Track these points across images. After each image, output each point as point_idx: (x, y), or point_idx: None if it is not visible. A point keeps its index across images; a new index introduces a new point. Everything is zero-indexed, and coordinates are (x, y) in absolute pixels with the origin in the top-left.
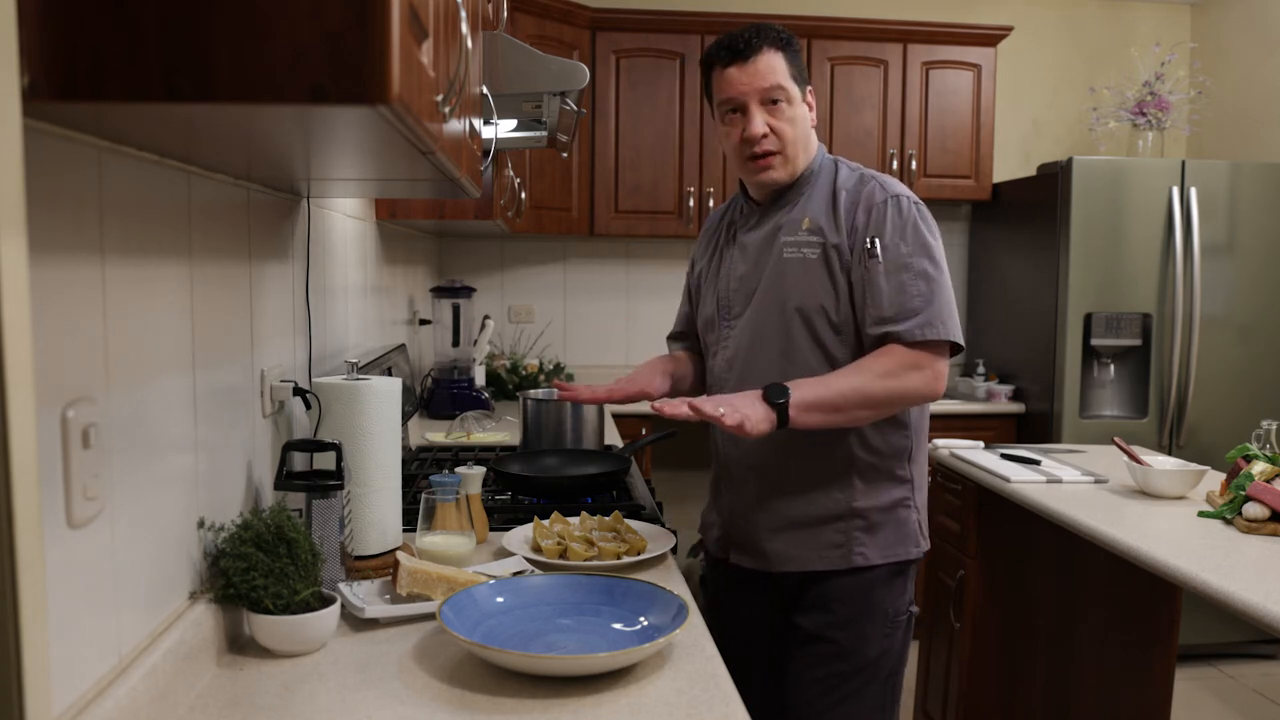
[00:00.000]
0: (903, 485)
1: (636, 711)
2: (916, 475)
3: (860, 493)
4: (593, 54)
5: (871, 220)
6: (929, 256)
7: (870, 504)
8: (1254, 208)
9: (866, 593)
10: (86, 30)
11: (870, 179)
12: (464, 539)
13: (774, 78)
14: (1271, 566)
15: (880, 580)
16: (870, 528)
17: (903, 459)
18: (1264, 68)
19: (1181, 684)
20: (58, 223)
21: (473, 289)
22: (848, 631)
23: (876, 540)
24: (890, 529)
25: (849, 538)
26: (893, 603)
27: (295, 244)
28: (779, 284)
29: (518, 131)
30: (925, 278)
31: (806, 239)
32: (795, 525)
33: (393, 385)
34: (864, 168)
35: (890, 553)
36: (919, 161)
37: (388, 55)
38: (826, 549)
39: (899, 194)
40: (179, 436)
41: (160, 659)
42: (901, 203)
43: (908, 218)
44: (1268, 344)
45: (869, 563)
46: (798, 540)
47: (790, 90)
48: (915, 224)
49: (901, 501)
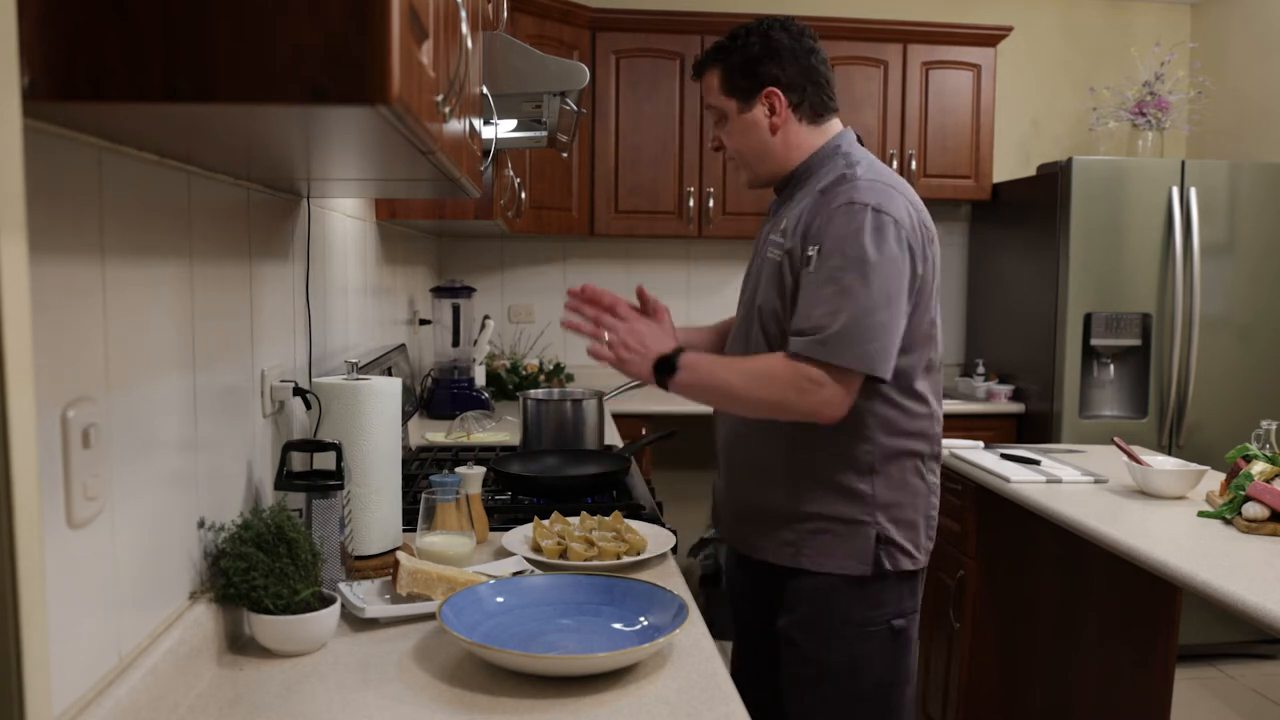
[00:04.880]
0: (857, 500)
1: (636, 711)
2: (882, 493)
3: (810, 499)
4: (593, 54)
5: (821, 226)
6: (861, 273)
7: (819, 510)
8: (1254, 208)
9: (823, 597)
10: (86, 30)
11: (848, 181)
12: (464, 539)
13: (709, 98)
14: (1271, 566)
15: (835, 585)
16: (818, 533)
17: (861, 473)
18: (1264, 68)
19: (1181, 684)
20: (58, 223)
21: (473, 289)
22: (807, 634)
23: (821, 548)
24: (839, 541)
25: (800, 538)
26: (861, 612)
27: (295, 244)
28: (756, 282)
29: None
30: (847, 294)
31: (779, 240)
32: (755, 516)
33: (393, 385)
34: (860, 168)
35: (836, 564)
36: (919, 161)
37: (388, 55)
38: (781, 545)
39: (857, 200)
40: (179, 436)
41: (160, 659)
42: (855, 211)
43: (855, 226)
44: (1268, 344)
45: (817, 569)
46: (758, 530)
47: (723, 106)
48: (859, 235)
49: (855, 517)
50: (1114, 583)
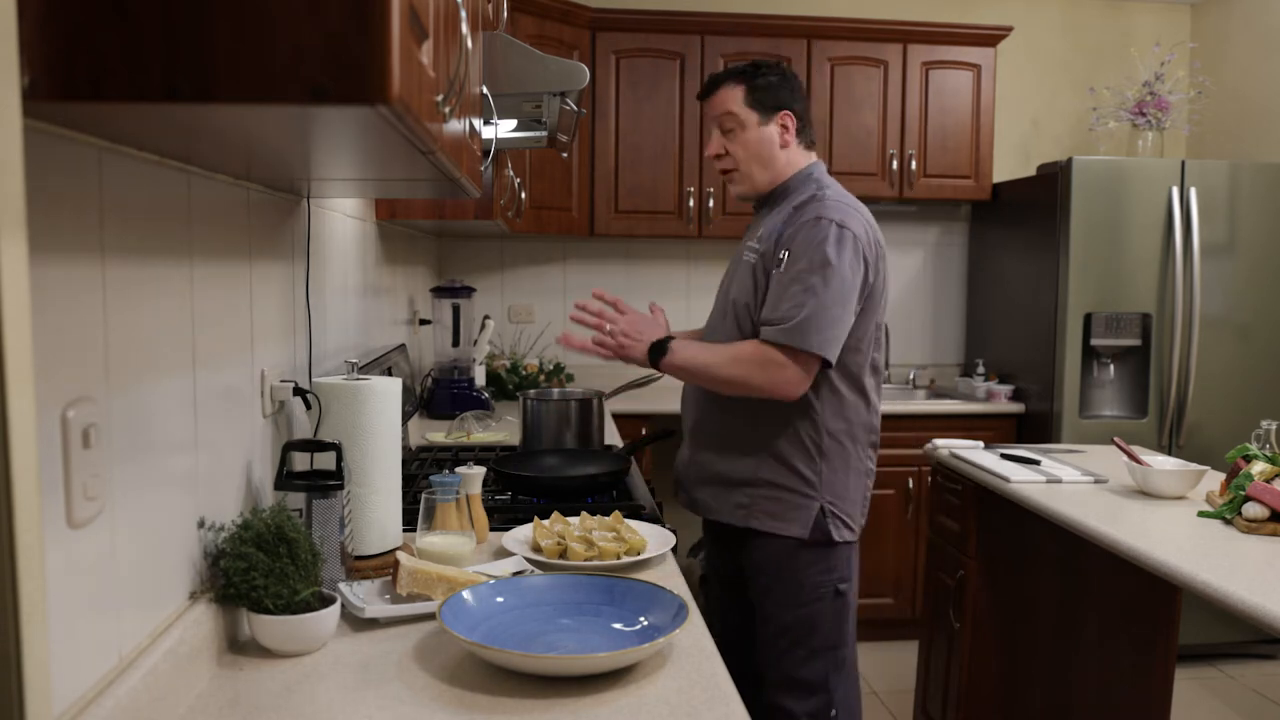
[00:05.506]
0: (805, 475)
1: (636, 711)
2: (828, 474)
3: (765, 467)
4: (593, 54)
5: (792, 235)
6: (821, 275)
7: (772, 479)
8: (1254, 208)
9: (779, 559)
10: (86, 30)
11: (818, 201)
12: (464, 539)
13: (725, 106)
14: (1271, 566)
15: (791, 550)
16: (769, 499)
17: (810, 455)
18: (1264, 68)
19: (1181, 684)
20: (58, 223)
21: (473, 289)
22: (763, 595)
23: (771, 512)
24: (786, 509)
25: (753, 501)
26: (811, 575)
27: (295, 244)
28: (733, 281)
29: (518, 131)
30: (808, 291)
31: (755, 245)
32: (713, 480)
33: (393, 385)
34: (830, 194)
35: (783, 527)
36: (919, 161)
37: (387, 55)
38: (735, 508)
39: (824, 217)
40: (179, 436)
41: (160, 659)
42: (821, 224)
43: (820, 237)
44: (1268, 344)
45: (764, 529)
46: (714, 494)
47: (742, 116)
48: (823, 245)
49: (802, 490)
50: (1114, 583)
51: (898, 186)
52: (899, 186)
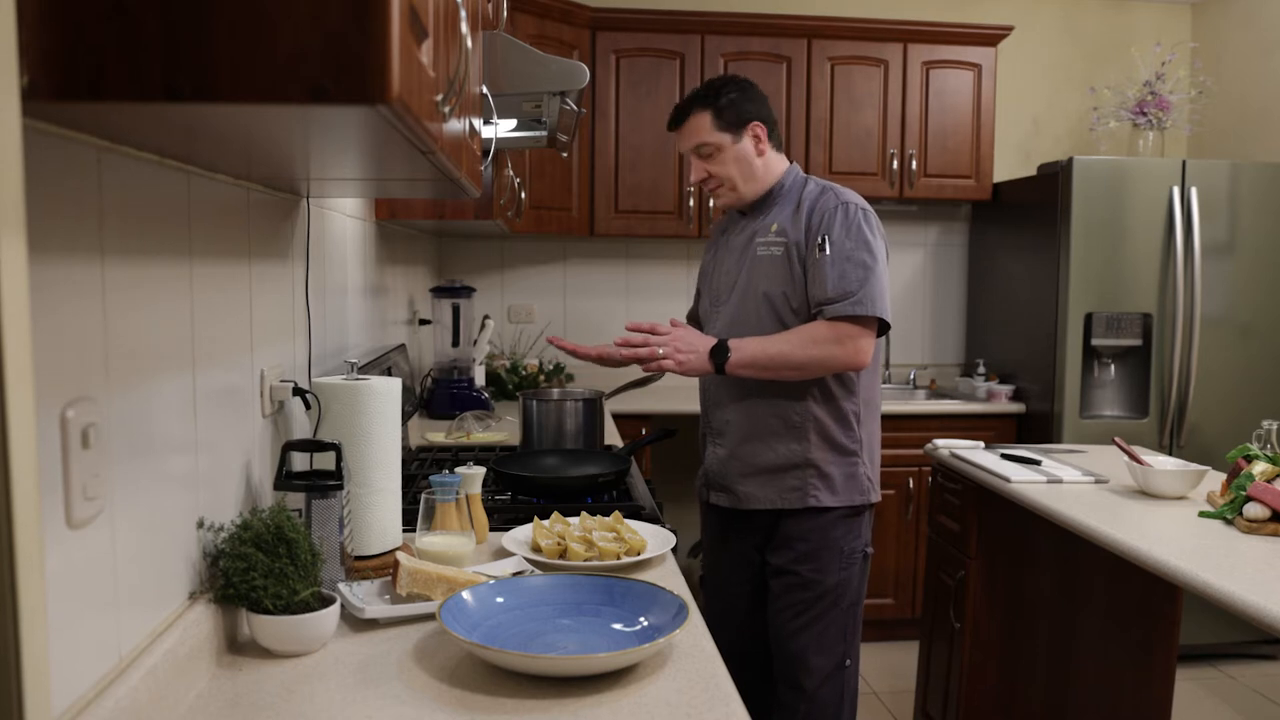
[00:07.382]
0: (852, 444)
1: (636, 711)
2: (865, 438)
3: (815, 447)
4: (593, 54)
5: (824, 222)
6: (869, 251)
7: (823, 457)
8: (1254, 208)
9: (823, 532)
10: (86, 30)
11: (829, 190)
12: (464, 539)
13: (697, 137)
14: (1272, 566)
15: (833, 522)
16: (823, 476)
17: (851, 424)
18: (1264, 68)
19: (1181, 684)
20: (58, 223)
21: (473, 289)
22: (808, 564)
23: (829, 486)
24: (841, 479)
25: (805, 483)
26: (848, 542)
27: (295, 244)
28: (753, 276)
29: (518, 131)
30: (863, 266)
31: (774, 239)
32: (761, 471)
33: (393, 385)
34: (828, 183)
35: (841, 498)
36: (919, 161)
37: (387, 55)
38: (787, 491)
39: (848, 202)
40: (179, 436)
41: (160, 659)
42: (849, 209)
43: (853, 220)
44: (1268, 344)
45: (821, 504)
46: (763, 483)
47: (716, 141)
48: (859, 225)
49: (850, 458)
50: (1114, 583)
51: (898, 186)
52: (899, 186)
